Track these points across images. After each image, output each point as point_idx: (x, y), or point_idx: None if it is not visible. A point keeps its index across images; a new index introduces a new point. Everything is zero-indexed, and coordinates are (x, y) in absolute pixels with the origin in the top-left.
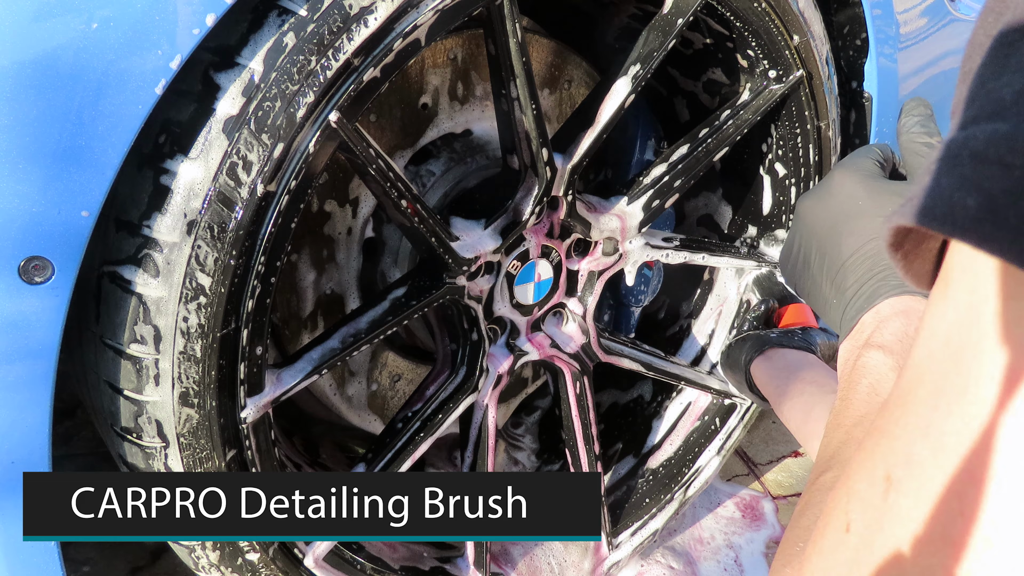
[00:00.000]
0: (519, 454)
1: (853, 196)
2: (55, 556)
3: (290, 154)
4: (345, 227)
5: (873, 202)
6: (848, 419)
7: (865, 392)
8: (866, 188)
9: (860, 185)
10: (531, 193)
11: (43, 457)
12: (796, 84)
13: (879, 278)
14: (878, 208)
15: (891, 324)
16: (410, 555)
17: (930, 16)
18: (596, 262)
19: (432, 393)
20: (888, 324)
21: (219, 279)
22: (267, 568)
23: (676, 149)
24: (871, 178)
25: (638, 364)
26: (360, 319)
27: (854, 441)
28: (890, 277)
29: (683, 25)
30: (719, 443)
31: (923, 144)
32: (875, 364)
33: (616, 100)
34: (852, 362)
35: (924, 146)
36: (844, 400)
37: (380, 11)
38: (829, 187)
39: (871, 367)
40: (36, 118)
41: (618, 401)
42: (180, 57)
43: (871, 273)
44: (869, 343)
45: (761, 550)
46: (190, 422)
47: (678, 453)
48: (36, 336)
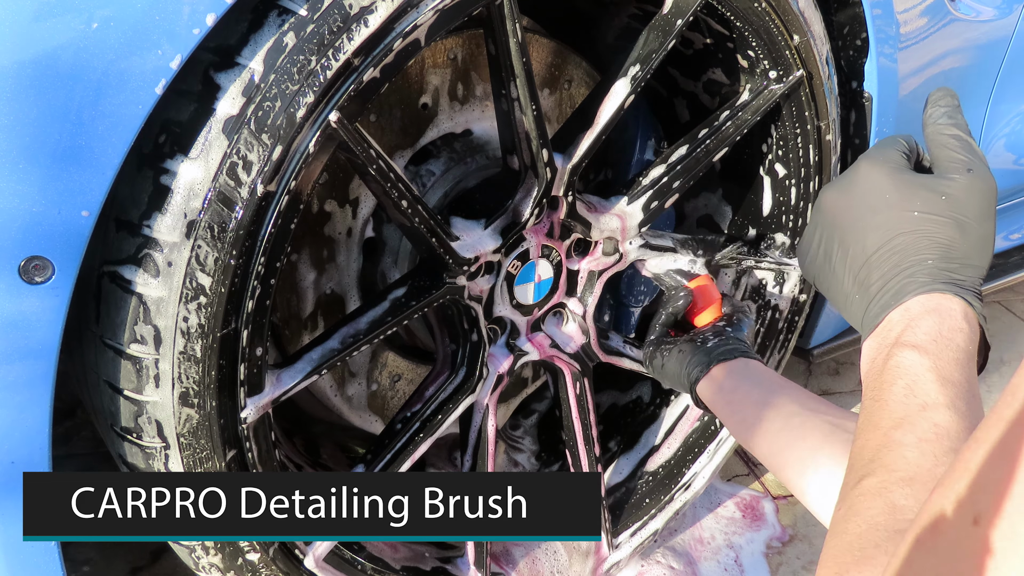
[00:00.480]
0: (519, 456)
1: (879, 189)
2: (55, 556)
3: (290, 154)
4: (345, 227)
5: (900, 195)
6: (885, 421)
7: (901, 393)
8: (893, 181)
9: (887, 177)
10: (531, 193)
11: (43, 457)
12: (796, 84)
13: (907, 274)
14: (905, 202)
15: (923, 323)
16: (412, 555)
17: (930, 16)
18: (596, 262)
19: (432, 394)
20: (920, 323)
21: (219, 279)
22: (267, 568)
23: (676, 149)
24: (898, 170)
25: (638, 364)
26: (360, 319)
27: (896, 444)
28: (918, 274)
29: (683, 25)
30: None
31: (950, 136)
32: (910, 364)
33: (616, 101)
34: (883, 361)
35: (951, 138)
36: (877, 401)
37: (380, 11)
38: (854, 178)
39: (906, 367)
40: (36, 118)
41: (617, 402)
42: (180, 57)
43: (898, 269)
44: (901, 342)
45: (761, 550)
46: (190, 422)
47: (677, 454)
48: (36, 336)
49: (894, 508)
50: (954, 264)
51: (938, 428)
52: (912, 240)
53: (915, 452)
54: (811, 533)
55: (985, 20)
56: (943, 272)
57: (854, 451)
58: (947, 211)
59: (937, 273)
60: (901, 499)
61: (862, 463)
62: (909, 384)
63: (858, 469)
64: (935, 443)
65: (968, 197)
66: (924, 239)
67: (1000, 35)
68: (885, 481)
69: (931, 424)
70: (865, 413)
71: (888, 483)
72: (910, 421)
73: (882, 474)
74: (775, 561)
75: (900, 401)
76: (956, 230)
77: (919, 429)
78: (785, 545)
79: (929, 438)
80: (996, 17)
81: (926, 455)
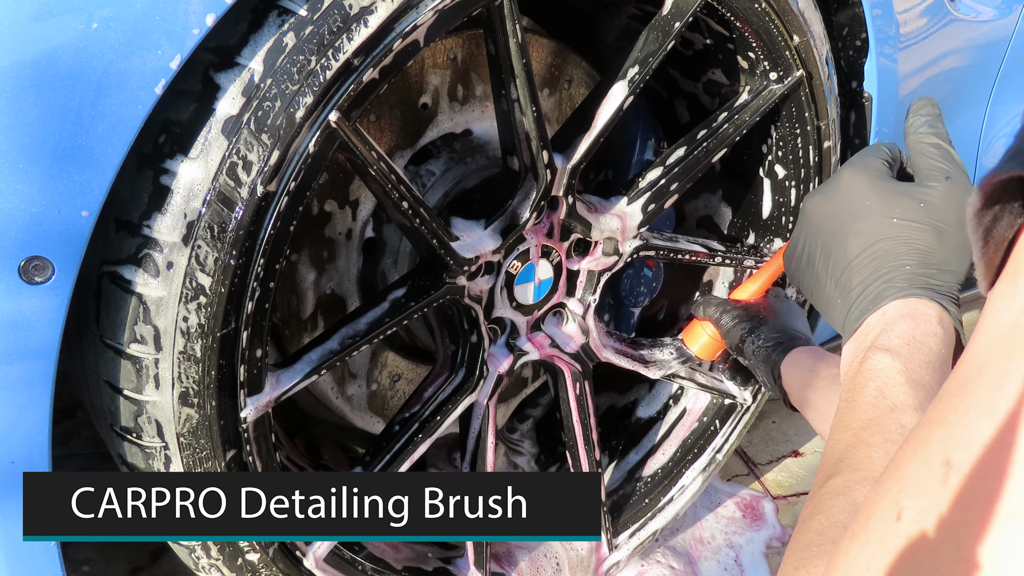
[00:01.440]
0: (519, 459)
1: (861, 195)
2: (55, 556)
3: (290, 154)
4: (345, 227)
5: (881, 202)
6: (855, 422)
7: (872, 395)
8: (874, 188)
9: (868, 185)
10: (531, 195)
11: (43, 457)
12: (796, 84)
13: (885, 279)
14: (886, 209)
15: (898, 327)
16: (414, 556)
17: (930, 16)
18: (596, 262)
19: (431, 394)
20: (895, 327)
21: (219, 279)
22: (267, 569)
23: (675, 150)
24: (879, 178)
25: (638, 363)
26: (360, 320)
27: (863, 444)
28: (896, 279)
29: (681, 27)
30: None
31: (930, 144)
32: (882, 367)
33: (615, 103)
34: (858, 364)
35: (931, 147)
36: (849, 403)
37: (380, 11)
38: (837, 186)
39: (878, 370)
40: (36, 118)
41: (615, 404)
42: (180, 57)
43: (877, 274)
44: (875, 345)
45: (761, 550)
46: (190, 422)
47: (675, 455)
48: (36, 336)
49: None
50: (931, 270)
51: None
52: (891, 246)
53: (880, 452)
54: None
55: (985, 20)
56: (920, 278)
57: (825, 451)
58: (925, 218)
59: (915, 279)
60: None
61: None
62: (880, 387)
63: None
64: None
65: (946, 204)
66: (903, 245)
67: (1000, 35)
68: (849, 480)
69: (898, 425)
70: (838, 415)
71: (852, 482)
72: (878, 422)
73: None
74: (775, 561)
75: (870, 403)
76: (934, 237)
77: (886, 430)
78: (785, 546)
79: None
80: (996, 17)
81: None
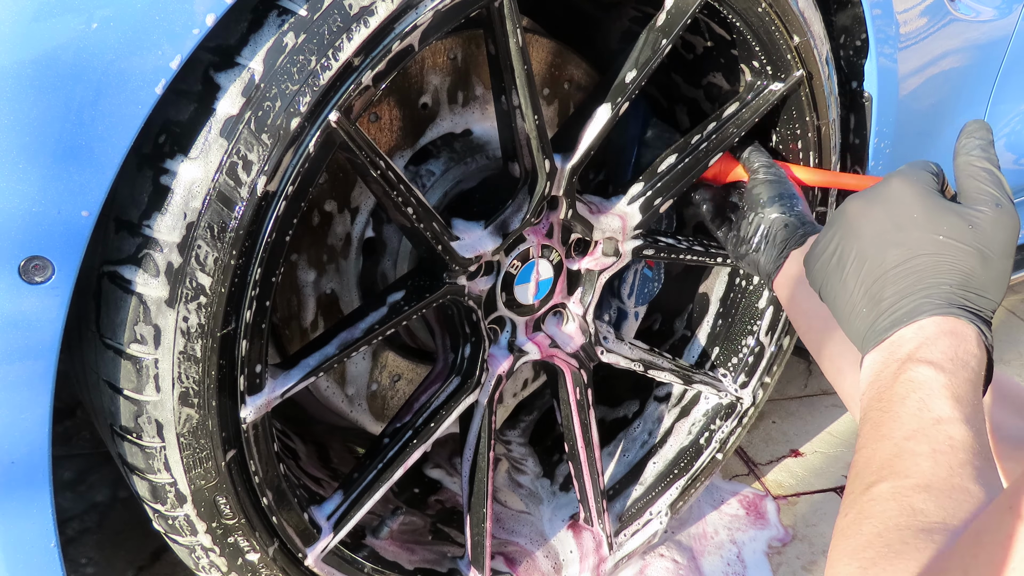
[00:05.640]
0: (522, 478)
1: (908, 207)
2: (55, 556)
3: (290, 154)
4: (345, 227)
5: (928, 217)
6: (897, 432)
7: (915, 407)
8: (923, 202)
9: (917, 197)
10: (531, 195)
11: (43, 457)
12: (796, 84)
13: (923, 295)
14: (932, 224)
15: (940, 343)
16: (434, 558)
17: (930, 16)
18: (596, 261)
19: (429, 396)
20: (937, 342)
21: (219, 279)
22: (267, 568)
23: (671, 154)
24: (929, 193)
25: (637, 363)
26: (360, 321)
27: (910, 453)
28: (935, 296)
29: (680, 30)
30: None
31: (982, 169)
32: (925, 379)
33: (612, 107)
34: (892, 374)
35: (983, 171)
36: (887, 413)
37: (380, 11)
38: (885, 194)
39: (921, 382)
40: (36, 118)
41: (605, 417)
42: (180, 57)
43: (914, 288)
44: (915, 358)
45: (763, 548)
46: (190, 422)
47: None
48: (36, 336)
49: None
50: (971, 293)
51: (952, 440)
52: (933, 262)
53: (930, 462)
54: (811, 534)
55: (985, 20)
56: (960, 299)
57: (860, 460)
58: (972, 241)
59: (954, 298)
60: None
61: (871, 470)
62: (923, 398)
63: (866, 476)
64: (950, 455)
65: (994, 231)
66: (945, 263)
67: (1000, 35)
68: (899, 487)
69: (946, 436)
70: (871, 424)
71: (903, 488)
72: (924, 432)
73: (895, 480)
74: (775, 561)
75: (913, 414)
76: (978, 261)
77: (933, 441)
78: (785, 545)
79: (944, 449)
80: (996, 17)
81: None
